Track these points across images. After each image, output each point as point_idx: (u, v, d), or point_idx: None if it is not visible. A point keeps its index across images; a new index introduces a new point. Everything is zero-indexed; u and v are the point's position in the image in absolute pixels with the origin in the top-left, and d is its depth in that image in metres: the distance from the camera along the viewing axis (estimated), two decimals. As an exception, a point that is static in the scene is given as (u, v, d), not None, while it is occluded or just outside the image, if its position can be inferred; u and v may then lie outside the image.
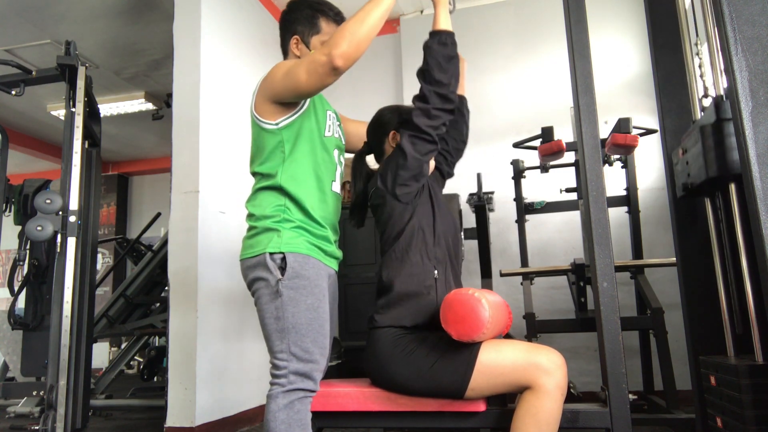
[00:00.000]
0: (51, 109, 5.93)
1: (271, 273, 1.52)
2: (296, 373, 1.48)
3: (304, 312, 1.51)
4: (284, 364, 1.48)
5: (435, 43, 1.55)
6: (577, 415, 1.43)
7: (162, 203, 5.82)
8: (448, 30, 1.57)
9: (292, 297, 1.51)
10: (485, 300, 1.36)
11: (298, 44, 1.72)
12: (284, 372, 1.48)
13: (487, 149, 3.96)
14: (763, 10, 1.33)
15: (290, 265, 1.52)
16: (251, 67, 3.78)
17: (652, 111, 3.52)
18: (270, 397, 1.48)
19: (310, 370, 1.50)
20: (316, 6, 1.73)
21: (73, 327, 2.48)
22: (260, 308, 1.54)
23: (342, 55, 1.43)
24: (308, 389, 1.49)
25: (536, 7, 4.14)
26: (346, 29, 1.46)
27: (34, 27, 4.31)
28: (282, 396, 1.46)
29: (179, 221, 3.08)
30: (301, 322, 1.50)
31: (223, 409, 3.08)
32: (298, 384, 1.47)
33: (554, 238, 3.85)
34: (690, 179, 1.76)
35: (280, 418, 1.44)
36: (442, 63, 1.52)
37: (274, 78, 1.58)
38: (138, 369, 6.11)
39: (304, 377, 1.48)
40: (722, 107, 1.61)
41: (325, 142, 1.68)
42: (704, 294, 1.80)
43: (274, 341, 1.51)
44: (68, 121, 2.61)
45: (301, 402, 1.47)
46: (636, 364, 3.12)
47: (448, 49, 1.54)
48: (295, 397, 1.47)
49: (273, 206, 1.59)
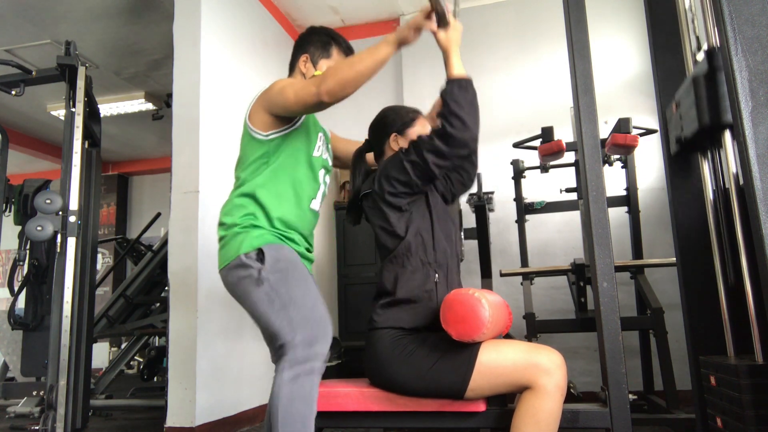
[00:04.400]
0: (51, 109, 5.93)
1: (251, 267, 1.56)
2: (302, 342, 1.49)
3: (296, 286, 1.55)
4: (289, 336, 1.49)
5: (455, 88, 1.48)
6: (577, 415, 1.43)
7: (162, 203, 5.82)
8: (465, 76, 1.52)
9: (280, 278, 1.55)
10: (485, 300, 1.36)
11: (306, 62, 1.82)
12: (290, 344, 1.49)
13: (487, 149, 3.95)
14: (763, 10, 1.33)
15: (267, 254, 1.57)
16: (251, 67, 3.78)
17: (652, 111, 3.52)
18: (276, 372, 1.49)
19: (315, 337, 1.51)
20: (333, 35, 1.86)
21: (73, 327, 2.48)
22: (251, 303, 1.57)
23: (328, 92, 1.50)
24: (315, 360, 1.49)
25: (536, 7, 4.14)
26: (338, 69, 1.52)
27: (34, 27, 4.31)
28: (287, 369, 1.47)
29: (179, 221, 3.08)
30: (296, 295, 1.54)
31: (223, 409, 3.08)
32: (305, 352, 1.48)
33: (554, 238, 3.85)
34: (683, 132, 1.74)
35: (283, 392, 1.44)
36: (466, 108, 1.46)
37: (272, 90, 1.66)
38: (138, 369, 6.11)
39: (309, 345, 1.50)
40: (715, 57, 1.59)
41: (312, 161, 1.74)
42: (704, 294, 1.79)
43: (274, 322, 1.52)
44: (68, 121, 2.61)
45: (308, 377, 1.47)
46: (636, 364, 3.12)
47: (470, 95, 1.49)
48: (301, 371, 1.47)
49: (242, 214, 1.65)
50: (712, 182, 1.77)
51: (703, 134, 1.64)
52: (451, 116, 1.45)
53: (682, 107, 1.76)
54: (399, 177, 1.53)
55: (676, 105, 1.81)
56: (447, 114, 1.46)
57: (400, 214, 1.56)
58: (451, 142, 1.46)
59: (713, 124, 1.57)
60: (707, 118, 1.58)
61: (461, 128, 1.45)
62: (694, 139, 1.71)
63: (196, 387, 2.87)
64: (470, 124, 1.46)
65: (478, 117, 1.49)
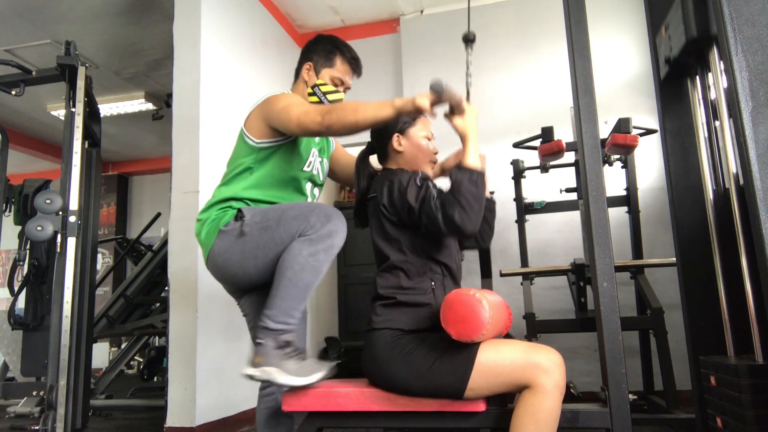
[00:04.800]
0: (51, 109, 5.93)
1: (234, 227, 1.60)
2: (319, 220, 1.53)
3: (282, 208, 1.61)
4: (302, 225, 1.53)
5: (466, 180, 1.45)
6: (577, 415, 1.42)
7: (162, 203, 5.82)
8: (479, 169, 1.49)
9: (263, 212, 1.60)
10: (485, 300, 1.36)
11: (309, 70, 1.84)
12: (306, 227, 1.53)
13: (487, 149, 3.92)
14: (763, 10, 1.33)
15: (245, 211, 1.61)
16: (251, 67, 3.78)
17: (652, 111, 3.52)
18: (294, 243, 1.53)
19: (328, 214, 1.56)
20: (338, 44, 1.87)
21: (73, 327, 2.48)
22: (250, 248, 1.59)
23: (328, 127, 1.54)
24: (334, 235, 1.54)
25: (536, 7, 4.14)
26: (344, 111, 1.54)
27: (34, 27, 4.31)
28: (308, 246, 1.52)
29: (179, 221, 3.08)
30: (287, 206, 1.61)
31: (223, 409, 3.08)
32: (324, 227, 1.53)
33: (554, 238, 3.85)
34: (672, 52, 1.76)
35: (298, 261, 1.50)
36: (472, 203, 1.43)
37: (276, 104, 1.67)
38: (138, 369, 6.11)
39: (327, 219, 1.54)
40: None
41: (298, 175, 1.76)
42: (704, 294, 1.79)
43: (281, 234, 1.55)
44: (68, 121, 2.62)
45: (326, 253, 1.53)
46: (636, 364, 3.12)
47: (478, 190, 1.45)
48: (321, 247, 1.53)
49: (218, 208, 1.68)
50: (709, 168, 1.77)
51: (691, 50, 1.66)
52: (455, 206, 1.42)
53: (670, 28, 1.77)
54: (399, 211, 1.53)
55: (665, 28, 1.83)
56: (453, 201, 1.43)
57: (404, 227, 1.56)
58: (450, 227, 1.43)
59: (700, 36, 1.59)
60: (694, 30, 1.60)
61: (462, 220, 1.41)
62: (683, 57, 1.72)
63: (196, 387, 2.87)
64: (473, 218, 1.43)
65: (481, 211, 1.46)
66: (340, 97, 1.85)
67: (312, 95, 1.83)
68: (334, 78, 1.84)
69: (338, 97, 1.84)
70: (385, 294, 1.53)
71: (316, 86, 1.82)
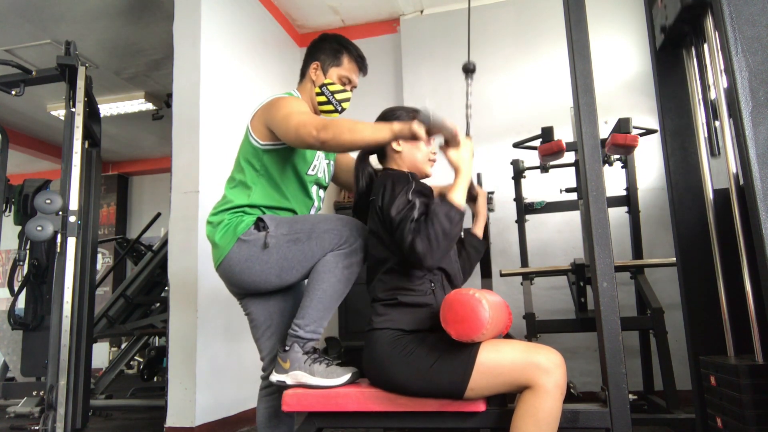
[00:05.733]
0: (51, 109, 5.93)
1: (257, 237, 1.61)
2: (351, 234, 1.60)
3: (305, 221, 1.63)
4: (335, 240, 1.59)
5: (442, 214, 1.43)
6: (577, 415, 1.42)
7: (162, 203, 5.82)
8: (459, 207, 1.46)
9: (288, 223, 1.63)
10: (485, 300, 1.36)
11: (317, 70, 1.84)
12: (339, 240, 1.59)
13: (487, 149, 3.96)
14: (763, 10, 1.33)
15: (267, 220, 1.63)
16: (251, 67, 3.78)
17: (652, 111, 3.52)
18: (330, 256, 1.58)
19: (357, 228, 1.63)
20: (344, 43, 1.87)
21: (73, 327, 2.48)
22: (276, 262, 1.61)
23: (324, 143, 1.55)
24: (361, 250, 1.62)
25: (536, 7, 4.14)
26: (340, 129, 1.54)
27: (34, 27, 4.31)
28: (344, 259, 1.58)
29: (179, 221, 3.08)
30: (312, 221, 1.63)
31: (223, 409, 3.08)
32: (357, 242, 1.60)
33: (554, 238, 3.85)
34: (667, 21, 1.76)
35: (334, 273, 1.58)
36: (440, 238, 1.41)
37: (278, 110, 1.67)
38: (138, 369, 6.11)
39: (359, 234, 1.62)
40: None
41: (303, 178, 1.77)
42: (704, 294, 1.79)
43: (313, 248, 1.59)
44: (68, 121, 2.61)
45: (358, 265, 1.62)
46: (636, 364, 3.12)
47: (452, 227, 1.43)
48: (355, 260, 1.60)
49: (231, 212, 1.70)
50: (708, 168, 1.77)
51: (686, 17, 1.65)
52: (423, 237, 1.41)
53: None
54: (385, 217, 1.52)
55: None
56: (422, 231, 1.42)
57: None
58: (411, 256, 1.43)
59: (695, 2, 1.58)
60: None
61: (424, 252, 1.41)
62: (677, 25, 1.71)
63: (196, 387, 2.87)
64: (435, 254, 1.42)
65: (449, 248, 1.46)
66: (347, 96, 1.86)
67: (320, 95, 1.84)
68: (342, 77, 1.84)
69: (346, 96, 1.86)
70: (386, 296, 1.53)
71: (324, 86, 1.83)
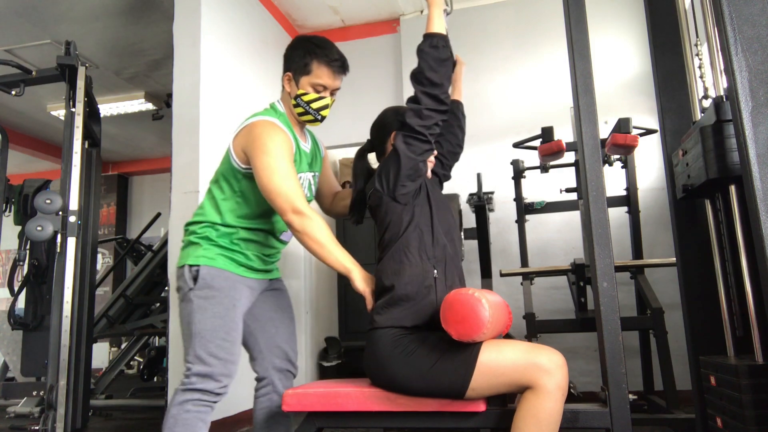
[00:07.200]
0: (51, 109, 5.93)
1: (186, 282, 1.67)
2: (198, 374, 1.61)
3: (210, 319, 1.64)
4: (189, 365, 1.63)
5: (427, 46, 1.56)
6: (577, 415, 1.42)
7: (162, 203, 5.82)
8: (440, 33, 1.58)
9: (201, 305, 1.65)
10: (485, 300, 1.36)
11: (290, 81, 1.78)
12: (188, 372, 1.62)
13: (487, 149, 3.96)
14: (763, 10, 1.33)
15: (202, 276, 1.66)
16: (251, 67, 3.78)
17: (652, 111, 3.52)
18: (175, 392, 1.63)
19: (212, 372, 1.62)
20: (311, 49, 1.74)
21: (73, 327, 2.48)
22: (179, 313, 1.70)
23: (291, 227, 1.60)
24: (209, 390, 1.62)
25: (536, 7, 4.14)
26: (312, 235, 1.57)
27: (34, 27, 4.31)
28: (180, 393, 1.62)
29: (179, 221, 3.07)
30: (206, 328, 1.64)
31: (223, 409, 3.07)
32: (198, 384, 1.61)
33: (554, 238, 3.85)
34: (690, 181, 1.75)
35: (171, 413, 1.61)
36: (433, 65, 1.54)
37: (259, 150, 1.64)
38: (138, 369, 6.11)
39: (205, 378, 1.61)
40: (722, 108, 1.61)
41: None
42: (704, 294, 1.80)
43: (185, 343, 1.67)
44: (68, 121, 2.62)
45: (195, 405, 1.61)
46: (636, 364, 3.12)
47: (439, 52, 1.55)
48: (190, 398, 1.61)
49: (201, 225, 1.72)
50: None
51: (710, 184, 1.66)
52: (418, 74, 1.54)
53: (689, 155, 1.76)
54: (397, 163, 1.55)
55: (682, 152, 1.82)
56: (415, 72, 1.55)
57: (403, 207, 1.57)
58: (425, 88, 1.53)
59: (721, 176, 1.59)
60: (715, 170, 1.60)
61: (431, 76, 1.52)
62: (701, 189, 1.73)
63: (196, 387, 2.86)
64: (435, 80, 1.53)
65: (447, 72, 1.57)
66: (325, 104, 1.75)
67: (297, 106, 1.76)
68: (315, 85, 1.73)
69: (323, 104, 1.75)
70: (385, 283, 1.52)
71: (298, 97, 1.74)
